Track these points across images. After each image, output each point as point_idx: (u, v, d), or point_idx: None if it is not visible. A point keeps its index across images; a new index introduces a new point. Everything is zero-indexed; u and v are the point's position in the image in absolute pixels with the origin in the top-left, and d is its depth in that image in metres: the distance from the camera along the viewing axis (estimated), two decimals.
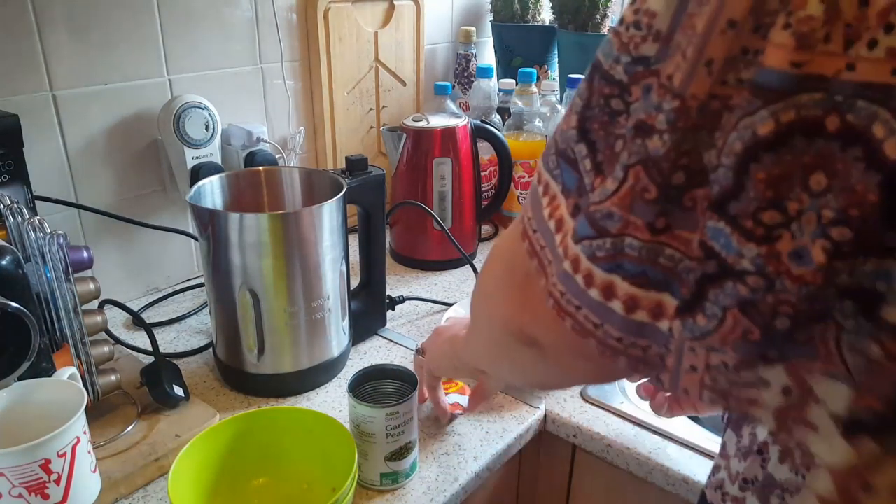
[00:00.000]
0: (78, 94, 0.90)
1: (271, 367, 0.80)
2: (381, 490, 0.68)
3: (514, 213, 1.33)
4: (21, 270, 0.61)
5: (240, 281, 0.76)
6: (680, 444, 0.75)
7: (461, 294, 1.08)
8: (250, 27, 1.06)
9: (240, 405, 0.80)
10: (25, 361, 0.60)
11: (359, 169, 0.86)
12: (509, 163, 1.18)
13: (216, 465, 0.65)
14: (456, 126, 1.11)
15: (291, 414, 0.69)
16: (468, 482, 0.71)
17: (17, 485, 0.55)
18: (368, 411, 0.65)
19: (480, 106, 1.32)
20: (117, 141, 0.95)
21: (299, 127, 1.17)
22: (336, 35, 1.15)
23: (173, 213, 1.05)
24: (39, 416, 0.59)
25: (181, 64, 0.99)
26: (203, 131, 0.96)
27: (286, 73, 1.13)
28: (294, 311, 0.78)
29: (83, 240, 0.95)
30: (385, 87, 1.29)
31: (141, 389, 0.75)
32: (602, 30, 1.32)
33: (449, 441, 0.75)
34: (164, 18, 0.95)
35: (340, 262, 0.82)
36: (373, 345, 0.94)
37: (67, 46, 0.87)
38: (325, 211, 0.77)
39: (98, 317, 0.71)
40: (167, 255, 1.06)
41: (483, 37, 1.48)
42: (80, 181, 0.93)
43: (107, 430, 0.71)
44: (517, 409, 0.81)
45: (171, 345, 0.93)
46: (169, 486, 0.58)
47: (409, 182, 1.13)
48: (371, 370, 0.70)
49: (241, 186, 0.86)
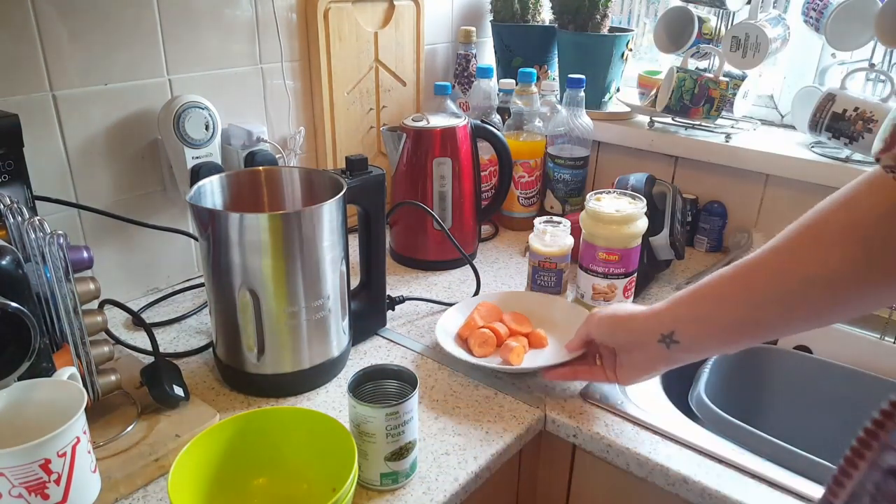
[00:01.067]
0: (78, 94, 0.90)
1: (271, 368, 0.80)
2: (381, 490, 0.68)
3: (514, 213, 1.33)
4: (21, 270, 0.61)
5: (240, 281, 0.76)
6: (680, 444, 0.76)
7: (461, 294, 1.08)
8: (250, 27, 1.06)
9: (240, 405, 0.80)
10: (25, 361, 0.60)
11: (359, 169, 0.86)
12: (509, 163, 1.18)
13: (216, 465, 0.65)
14: (456, 126, 1.11)
15: (291, 414, 0.69)
16: (468, 482, 0.71)
17: (17, 485, 0.55)
18: (368, 411, 0.65)
19: (480, 106, 1.32)
20: (117, 141, 0.95)
21: (299, 127, 1.17)
22: (336, 35, 1.15)
23: (173, 213, 1.05)
24: (39, 416, 0.59)
25: (181, 64, 0.99)
26: (203, 131, 0.96)
27: (286, 73, 1.13)
28: (294, 312, 0.78)
29: (83, 240, 0.95)
30: (385, 87, 1.29)
31: (141, 389, 0.75)
32: (602, 30, 1.32)
33: (449, 441, 0.75)
34: (164, 18, 0.95)
35: (340, 262, 0.82)
36: (373, 345, 0.94)
37: (67, 46, 0.87)
38: (325, 211, 0.77)
39: (98, 317, 0.71)
40: (167, 255, 1.06)
41: (483, 37, 1.48)
42: (79, 181, 0.93)
43: (107, 430, 0.71)
44: (517, 409, 0.81)
45: (171, 345, 0.93)
46: (169, 486, 0.58)
47: (409, 182, 1.13)
48: (371, 370, 0.70)
49: (241, 186, 0.86)
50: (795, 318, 0.59)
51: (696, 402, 0.87)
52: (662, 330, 0.68)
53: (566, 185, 1.30)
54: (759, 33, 1.14)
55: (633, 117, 1.36)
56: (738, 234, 1.23)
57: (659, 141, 1.28)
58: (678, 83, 1.21)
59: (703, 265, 1.20)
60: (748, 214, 1.23)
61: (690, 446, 0.75)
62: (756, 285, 0.59)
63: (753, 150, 1.17)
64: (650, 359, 0.70)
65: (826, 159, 1.12)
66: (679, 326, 0.66)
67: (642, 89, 1.41)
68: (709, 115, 1.21)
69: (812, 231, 0.56)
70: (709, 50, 1.25)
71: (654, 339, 0.68)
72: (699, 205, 1.26)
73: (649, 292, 1.10)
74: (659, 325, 0.68)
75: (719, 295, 0.63)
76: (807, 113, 1.12)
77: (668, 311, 0.68)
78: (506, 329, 0.91)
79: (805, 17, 1.18)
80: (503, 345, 0.89)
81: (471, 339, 0.89)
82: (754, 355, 1.01)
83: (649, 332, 0.69)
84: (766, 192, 1.20)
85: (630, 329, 0.72)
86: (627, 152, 1.33)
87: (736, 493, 0.69)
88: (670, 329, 0.67)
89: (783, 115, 1.33)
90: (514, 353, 0.86)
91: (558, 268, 1.00)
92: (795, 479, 0.71)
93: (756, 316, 0.61)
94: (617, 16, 1.51)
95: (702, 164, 1.25)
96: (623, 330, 0.73)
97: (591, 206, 0.95)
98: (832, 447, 0.94)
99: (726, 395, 0.95)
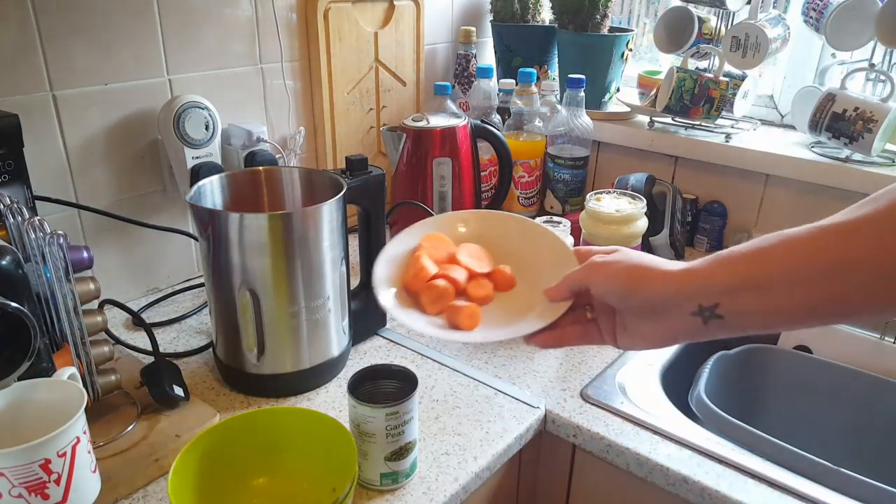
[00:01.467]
0: (78, 94, 0.90)
1: (271, 367, 0.80)
2: (381, 490, 0.68)
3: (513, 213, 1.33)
4: (21, 270, 0.61)
5: (240, 281, 0.76)
6: (680, 444, 0.76)
7: None
8: (250, 27, 1.06)
9: (240, 405, 0.80)
10: (25, 361, 0.59)
11: (359, 169, 0.86)
12: (509, 163, 1.18)
13: (216, 465, 0.64)
14: (456, 126, 1.11)
15: (291, 414, 0.69)
16: (468, 482, 0.71)
17: (17, 485, 0.55)
18: (368, 411, 0.65)
19: (480, 106, 1.32)
20: (117, 141, 0.95)
21: (299, 127, 1.17)
22: (336, 35, 1.15)
23: (173, 213, 1.05)
24: (39, 416, 0.59)
25: (181, 64, 0.99)
26: (203, 131, 0.96)
27: (286, 73, 1.13)
28: (294, 311, 0.78)
29: (83, 240, 0.95)
30: (385, 87, 1.29)
31: (141, 389, 0.75)
32: (602, 30, 1.32)
33: (449, 441, 0.75)
34: (164, 18, 0.95)
35: (340, 262, 0.82)
36: (373, 345, 0.94)
37: (67, 46, 0.87)
38: (325, 211, 0.77)
39: (98, 317, 0.71)
40: (167, 255, 1.06)
41: (483, 37, 1.48)
42: (80, 181, 0.93)
43: (107, 430, 0.71)
44: (517, 409, 0.81)
45: (171, 345, 0.93)
46: (169, 486, 0.58)
47: (409, 182, 1.13)
48: (371, 370, 0.70)
49: (241, 186, 0.86)
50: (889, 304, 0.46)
51: (696, 402, 0.87)
52: (702, 300, 0.51)
53: (566, 185, 1.30)
54: (759, 33, 1.14)
55: (633, 117, 1.36)
56: (738, 234, 1.23)
57: (659, 141, 1.27)
58: (678, 83, 1.21)
59: None
60: (748, 214, 1.23)
61: (690, 446, 0.75)
62: (855, 255, 0.45)
63: (753, 150, 1.17)
64: (671, 330, 0.54)
65: (826, 159, 1.12)
66: (727, 299, 0.50)
67: (642, 89, 1.41)
68: (709, 115, 1.21)
69: None
70: (709, 50, 1.25)
71: (688, 309, 0.51)
72: (699, 205, 1.26)
73: None
74: (699, 292, 0.51)
75: (800, 261, 0.46)
76: (807, 113, 1.12)
77: (714, 275, 0.51)
78: (465, 273, 0.66)
79: (805, 17, 1.18)
80: (449, 305, 0.63)
81: (422, 296, 0.64)
82: (754, 355, 1.01)
83: (682, 300, 0.52)
84: (766, 192, 1.20)
85: (654, 292, 0.53)
86: (627, 152, 1.33)
87: (736, 493, 0.69)
88: (714, 301, 0.50)
89: (783, 115, 1.33)
90: (463, 315, 0.62)
91: None
92: (795, 479, 0.71)
93: (847, 292, 0.46)
94: (617, 16, 1.51)
95: (702, 164, 1.25)
96: (645, 292, 0.53)
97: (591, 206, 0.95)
98: (832, 447, 0.94)
99: (726, 395, 0.95)
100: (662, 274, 0.53)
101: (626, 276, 0.55)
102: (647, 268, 0.54)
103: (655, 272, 0.54)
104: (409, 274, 0.65)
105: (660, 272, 0.54)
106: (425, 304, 0.63)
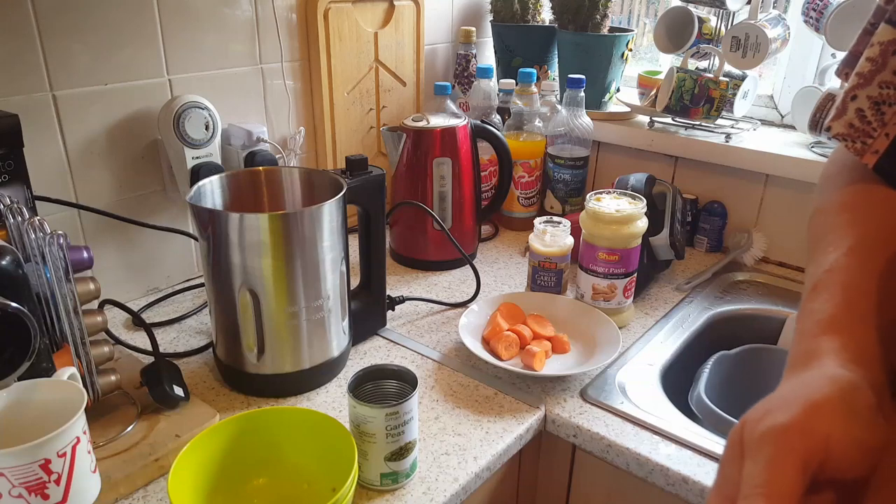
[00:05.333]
0: (78, 94, 0.90)
1: (271, 367, 0.80)
2: (381, 490, 0.68)
3: (514, 214, 1.33)
4: (21, 270, 0.61)
5: (240, 281, 0.76)
6: (680, 444, 0.76)
7: (461, 294, 1.08)
8: (250, 27, 1.06)
9: (240, 405, 0.80)
10: (25, 361, 0.60)
11: (359, 169, 0.86)
12: (509, 163, 1.18)
13: (216, 465, 0.65)
14: (456, 126, 1.11)
15: (291, 414, 0.69)
16: (468, 482, 0.71)
17: (18, 485, 0.55)
18: (368, 411, 0.65)
19: (480, 106, 1.32)
20: (117, 141, 0.95)
21: (299, 127, 1.17)
22: (336, 35, 1.15)
23: (173, 213, 1.05)
24: (39, 416, 0.59)
25: (181, 64, 0.99)
26: (203, 131, 0.96)
27: (286, 73, 1.13)
28: (294, 312, 0.78)
29: (83, 240, 0.95)
30: (385, 87, 1.29)
31: (141, 389, 0.75)
32: (602, 30, 1.32)
33: (449, 441, 0.75)
34: (164, 18, 0.95)
35: (340, 262, 0.82)
36: (373, 345, 0.94)
37: (67, 46, 0.87)
38: (325, 211, 0.77)
39: (98, 317, 0.71)
40: (167, 255, 1.06)
41: (483, 37, 1.48)
42: (79, 181, 0.93)
43: (107, 430, 0.71)
44: (517, 409, 0.81)
45: (171, 345, 0.93)
46: (169, 486, 0.58)
47: (409, 182, 1.13)
48: (371, 370, 0.70)
49: (241, 186, 0.86)
50: None
51: (696, 402, 0.87)
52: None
53: (566, 185, 1.30)
54: (759, 33, 1.14)
55: (633, 117, 1.36)
56: (738, 234, 1.23)
57: (659, 141, 1.27)
58: (678, 83, 1.21)
59: (703, 265, 1.20)
60: (748, 214, 1.23)
61: (690, 446, 0.75)
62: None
63: (753, 150, 1.17)
64: None
65: (826, 159, 1.12)
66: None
67: (642, 89, 1.41)
68: (709, 116, 1.21)
69: None
70: (709, 50, 1.25)
71: None
72: (699, 205, 1.26)
73: (649, 292, 1.10)
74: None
75: None
76: (807, 113, 1.12)
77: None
78: (529, 332, 0.91)
79: (805, 17, 1.18)
80: (525, 349, 0.88)
81: (497, 343, 0.89)
82: (754, 355, 1.01)
83: None
84: (766, 192, 1.20)
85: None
86: (627, 152, 1.33)
87: None
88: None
89: (783, 115, 1.33)
90: (536, 359, 0.85)
91: (558, 268, 1.00)
92: None
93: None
94: (617, 16, 1.51)
95: (702, 164, 1.25)
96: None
97: (591, 206, 0.95)
98: None
99: (726, 395, 0.95)
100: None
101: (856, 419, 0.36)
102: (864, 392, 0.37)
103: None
104: (487, 329, 0.92)
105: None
106: (499, 350, 0.88)
